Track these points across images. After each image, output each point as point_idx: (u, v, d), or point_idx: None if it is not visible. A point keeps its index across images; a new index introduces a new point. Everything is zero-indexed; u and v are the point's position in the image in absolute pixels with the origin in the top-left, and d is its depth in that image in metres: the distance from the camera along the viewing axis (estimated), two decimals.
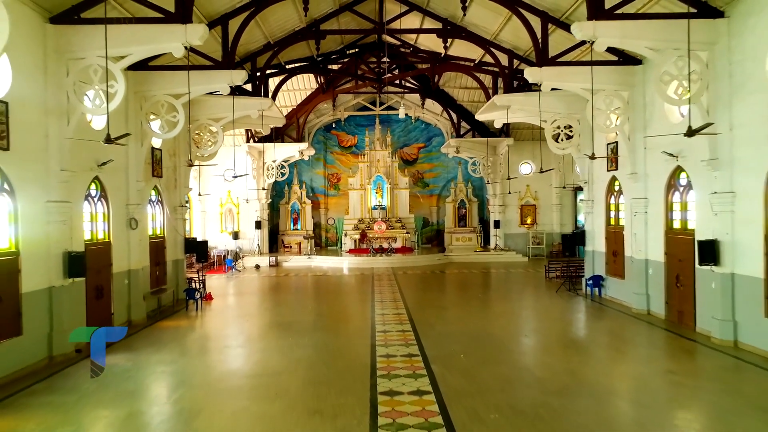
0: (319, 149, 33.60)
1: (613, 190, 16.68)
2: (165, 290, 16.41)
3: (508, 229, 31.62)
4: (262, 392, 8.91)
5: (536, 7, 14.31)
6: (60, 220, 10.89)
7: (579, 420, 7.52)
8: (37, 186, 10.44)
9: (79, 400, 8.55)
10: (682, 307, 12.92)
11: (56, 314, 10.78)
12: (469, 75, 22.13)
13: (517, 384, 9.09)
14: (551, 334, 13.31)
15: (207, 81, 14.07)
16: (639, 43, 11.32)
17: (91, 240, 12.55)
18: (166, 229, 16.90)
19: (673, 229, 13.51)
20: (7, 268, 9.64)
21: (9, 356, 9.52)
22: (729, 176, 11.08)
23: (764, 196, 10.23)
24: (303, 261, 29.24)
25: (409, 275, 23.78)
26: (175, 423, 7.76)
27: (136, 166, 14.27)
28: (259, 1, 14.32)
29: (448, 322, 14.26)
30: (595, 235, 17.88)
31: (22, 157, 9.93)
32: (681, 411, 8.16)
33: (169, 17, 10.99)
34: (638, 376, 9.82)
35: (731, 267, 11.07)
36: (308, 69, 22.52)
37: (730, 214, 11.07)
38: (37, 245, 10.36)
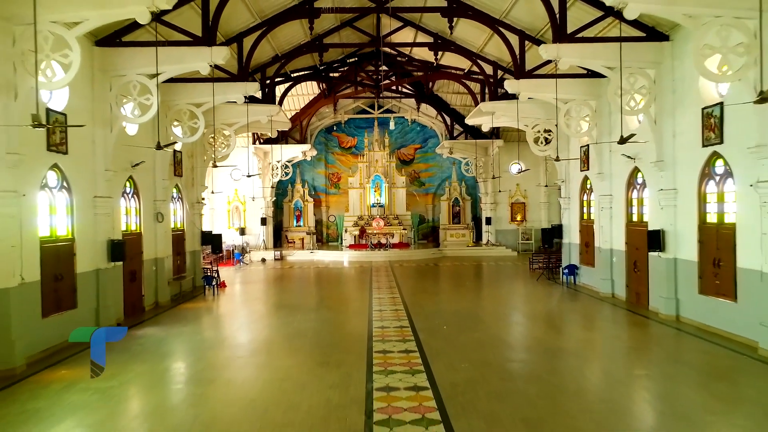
0: (321, 150, 35.50)
1: (586, 188, 18.63)
2: (185, 277, 18.37)
3: (499, 225, 33.56)
4: (278, 351, 10.90)
5: (514, 26, 16.24)
6: (104, 213, 12.86)
7: (533, 369, 9.52)
8: (87, 183, 12.39)
9: (129, 358, 10.50)
10: (639, 289, 14.89)
11: (101, 292, 12.73)
12: (459, 83, 24.08)
13: (487, 346, 11.04)
14: (524, 312, 15.31)
15: (225, 92, 15.98)
16: (596, 62, 13.25)
17: (126, 231, 14.50)
18: (186, 223, 18.85)
19: (632, 221, 15.47)
20: (67, 252, 11.61)
21: (68, 325, 11.38)
22: (672, 176, 13.05)
23: (698, 192, 12.20)
24: (306, 255, 31.20)
25: (405, 267, 25.71)
26: (210, 372, 9.74)
27: (162, 167, 16.22)
28: (271, 21, 16.24)
29: (436, 304, 16.24)
30: (570, 229, 19.86)
31: (76, 160, 11.89)
32: (618, 363, 10.14)
33: (197, 40, 12.94)
34: (590, 341, 11.83)
35: (674, 253, 13.04)
36: (312, 77, 24.45)
37: (673, 208, 13.04)
38: (87, 233, 12.32)
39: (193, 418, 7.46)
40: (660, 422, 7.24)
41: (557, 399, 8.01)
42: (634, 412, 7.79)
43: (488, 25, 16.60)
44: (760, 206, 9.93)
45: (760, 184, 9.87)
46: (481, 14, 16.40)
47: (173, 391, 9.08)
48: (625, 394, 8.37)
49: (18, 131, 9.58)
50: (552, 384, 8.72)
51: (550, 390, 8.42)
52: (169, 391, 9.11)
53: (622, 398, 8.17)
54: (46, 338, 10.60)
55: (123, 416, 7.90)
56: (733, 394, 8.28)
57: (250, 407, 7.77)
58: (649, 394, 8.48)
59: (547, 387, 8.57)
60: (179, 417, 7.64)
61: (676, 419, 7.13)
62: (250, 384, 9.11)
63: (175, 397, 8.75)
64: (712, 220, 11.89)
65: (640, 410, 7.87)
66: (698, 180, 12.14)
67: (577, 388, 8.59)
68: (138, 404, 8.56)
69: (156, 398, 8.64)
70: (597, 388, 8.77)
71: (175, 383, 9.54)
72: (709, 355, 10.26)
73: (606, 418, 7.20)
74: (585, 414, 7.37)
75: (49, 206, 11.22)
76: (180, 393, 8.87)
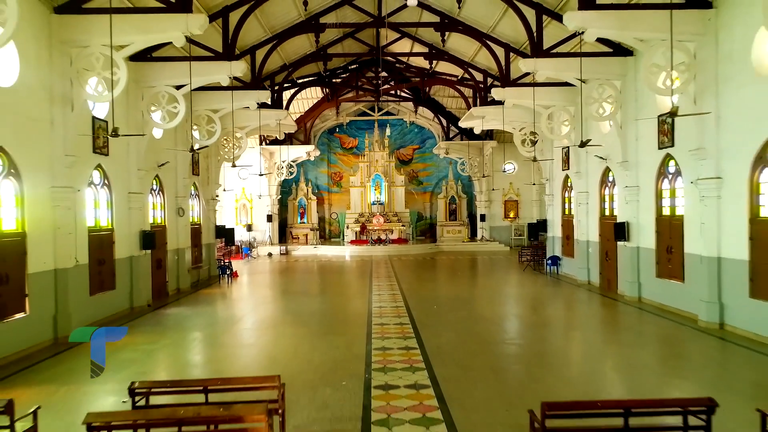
0: (324, 150, 37.31)
1: (567, 186, 20.42)
2: (202, 267, 20.20)
3: (494, 222, 35.36)
4: (290, 325, 12.72)
5: (500, 40, 18.02)
6: (137, 207, 14.69)
7: (505, 336, 11.35)
8: (123, 181, 14.21)
9: (164, 329, 12.34)
10: (609, 276, 16.68)
11: (134, 276, 14.57)
12: (453, 88, 25.88)
13: (470, 321, 12.84)
14: (507, 296, 17.12)
15: (240, 99, 17.75)
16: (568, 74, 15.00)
17: (153, 223, 16.30)
18: (202, 218, 20.67)
19: (605, 216, 17.25)
20: (108, 240, 13.43)
21: (110, 302, 13.31)
22: (635, 174, 14.84)
23: (655, 189, 13.99)
24: (310, 250, 33.02)
25: (403, 261, 27.51)
26: (234, 339, 11.58)
27: (183, 167, 18.05)
28: (280, 35, 18.01)
29: (430, 290, 18.05)
30: (554, 224, 21.66)
31: (115, 161, 13.71)
32: (579, 332, 11.95)
33: (218, 56, 14.74)
34: (559, 317, 13.66)
35: (637, 242, 14.84)
36: (316, 83, 26.25)
37: (636, 203, 14.83)
38: (123, 225, 14.14)
39: (227, 368, 9.27)
40: (605, 371, 9.05)
41: (522, 356, 9.83)
42: (583, 364, 9.59)
43: (477, 39, 18.41)
44: (700, 200, 11.74)
45: (699, 181, 11.68)
46: (471, 29, 18.20)
47: (205, 351, 10.92)
48: (580, 352, 10.19)
49: (74, 136, 11.41)
50: (520, 346, 10.55)
51: (517, 350, 10.25)
52: (201, 351, 10.94)
53: (576, 355, 9.99)
54: (93, 313, 12.41)
55: (167, 368, 9.72)
56: (670, 352, 10.11)
57: (272, 362, 9.59)
58: (598, 352, 10.30)
59: (515, 348, 10.40)
60: (213, 368, 9.43)
61: (620, 370, 8.94)
62: (269, 347, 10.93)
63: (207, 354, 10.60)
64: (666, 213, 13.69)
65: (589, 362, 9.68)
66: (655, 178, 13.95)
67: (541, 349, 10.40)
68: (177, 360, 10.35)
69: (191, 356, 10.49)
70: (557, 349, 10.58)
71: (206, 346, 11.35)
72: (658, 327, 12.06)
73: (557, 367, 9.02)
74: (542, 364, 9.18)
75: (94, 201, 13.04)
76: (211, 352, 10.70)
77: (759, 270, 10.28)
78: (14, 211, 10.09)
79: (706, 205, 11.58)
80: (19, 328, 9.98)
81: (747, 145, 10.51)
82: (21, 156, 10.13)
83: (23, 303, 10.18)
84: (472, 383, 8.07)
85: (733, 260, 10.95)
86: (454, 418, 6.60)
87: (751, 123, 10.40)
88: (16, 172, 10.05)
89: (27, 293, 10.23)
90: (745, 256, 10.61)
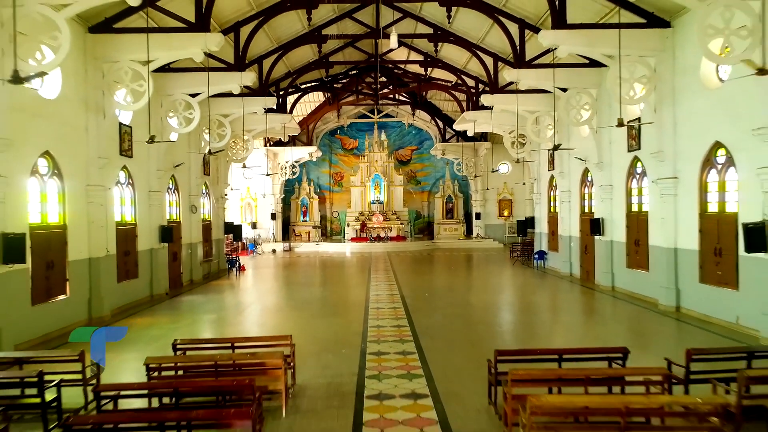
0: (325, 151, 38.77)
1: (552, 186, 21.90)
2: (212, 260, 21.71)
3: (488, 220, 36.81)
4: (296, 309, 14.22)
5: (489, 50, 19.50)
6: (157, 204, 16.20)
7: (486, 318, 12.84)
8: (144, 180, 15.71)
9: (183, 312, 13.87)
10: (588, 268, 18.15)
11: (154, 267, 16.07)
12: (448, 93, 27.36)
13: (456, 306, 14.32)
14: (493, 286, 18.61)
15: (249, 105, 19.22)
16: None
17: (169, 219, 17.80)
18: (212, 215, 22.18)
19: (584, 212, 18.71)
20: (131, 234, 14.95)
21: (132, 291, 14.81)
22: (609, 175, 16.31)
23: (625, 187, 15.47)
24: (312, 247, 34.51)
25: (401, 257, 28.97)
26: (248, 318, 13.08)
27: (196, 167, 19.55)
28: (286, 46, 19.50)
29: (423, 281, 19.54)
30: (541, 220, 23.15)
31: (138, 162, 15.21)
32: (552, 314, 13.43)
33: (230, 66, 16.23)
34: (535, 302, 15.17)
35: (610, 236, 16.31)
36: (318, 88, 27.74)
37: (610, 200, 16.30)
38: (144, 220, 15.65)
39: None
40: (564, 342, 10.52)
41: (497, 332, 11.35)
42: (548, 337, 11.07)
43: (467, 49, 19.89)
44: (660, 197, 13.21)
45: (659, 180, 13.16)
46: (462, 40, 19.67)
47: (221, 329, 12.39)
48: (547, 329, 11.67)
49: (104, 141, 12.92)
50: (497, 325, 12.08)
51: (493, 328, 11.77)
52: (218, 329, 12.43)
53: (543, 331, 11.47)
54: (120, 298, 13.91)
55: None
56: (623, 327, 11.62)
57: None
58: (563, 328, 11.78)
59: (492, 327, 11.92)
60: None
61: (576, 341, 10.42)
62: (278, 326, 12.41)
63: (223, 331, 12.06)
64: (635, 209, 15.16)
65: (552, 336, 11.15)
66: (626, 178, 15.43)
67: (514, 327, 11.94)
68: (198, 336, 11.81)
69: (210, 333, 11.97)
70: (528, 326, 12.07)
71: (222, 325, 12.81)
72: (621, 310, 13.56)
73: (524, 339, 10.51)
74: (512, 338, 10.69)
75: (120, 198, 14.54)
76: (226, 329, 12.16)
77: (706, 258, 11.76)
78: (57, 206, 11.60)
79: (665, 202, 13.06)
80: (62, 307, 11.50)
81: (697, 149, 11.98)
82: (63, 158, 11.64)
83: (65, 286, 11.69)
84: (451, 351, 9.57)
85: (687, 250, 12.42)
86: (432, 372, 8.10)
87: (701, 129, 11.87)
88: (59, 173, 11.57)
89: (68, 278, 11.74)
90: (695, 247, 12.09)
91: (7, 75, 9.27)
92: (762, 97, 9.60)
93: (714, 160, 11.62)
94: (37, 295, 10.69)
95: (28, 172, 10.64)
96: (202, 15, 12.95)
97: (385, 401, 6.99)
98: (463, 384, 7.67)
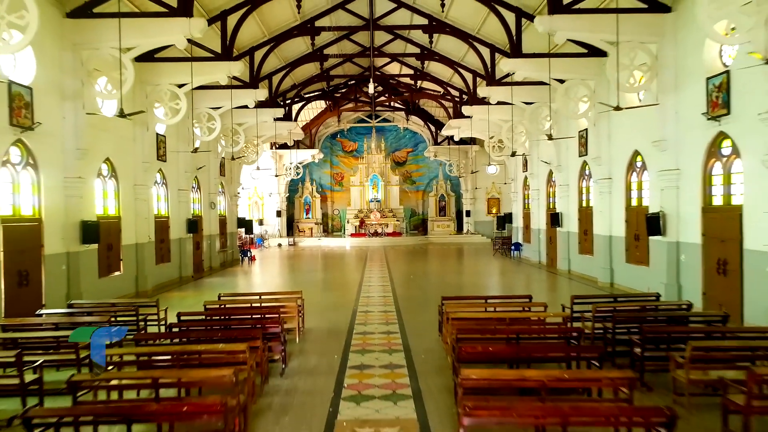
0: (327, 153, 41.76)
1: (526, 185, 24.88)
2: (227, 250, 24.74)
3: (478, 217, 39.78)
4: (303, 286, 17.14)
5: (468, 67, 22.47)
6: (184, 201, 19.24)
7: (455, 291, 15.80)
8: (174, 181, 18.73)
9: (207, 290, 16.84)
10: (552, 256, 21.14)
11: (182, 253, 19.11)
12: (436, 101, 30.35)
13: (434, 285, 17.30)
14: (470, 271, 21.61)
15: (261, 115, 22.23)
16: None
17: (194, 213, 20.82)
18: (227, 211, 25.21)
19: (550, 208, 21.70)
20: (165, 225, 17.98)
21: (166, 273, 17.84)
22: (566, 175, 19.29)
23: (578, 186, 18.45)
24: (314, 242, 37.53)
25: (396, 250, 31.97)
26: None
27: (214, 169, 22.58)
28: (292, 64, 22.49)
29: (411, 268, 22.55)
30: (517, 216, 26.14)
31: (170, 165, 18.24)
32: (511, 284, 16.40)
33: (246, 84, 19.23)
34: (501, 280, 18.13)
35: (567, 228, 19.29)
36: (320, 96, 30.75)
37: (567, 197, 19.28)
38: (174, 213, 18.68)
39: None
40: None
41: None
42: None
43: (450, 67, 22.88)
44: (599, 194, 16.20)
45: (598, 180, 16.15)
46: (445, 59, 22.63)
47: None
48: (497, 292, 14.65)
49: (147, 148, 15.95)
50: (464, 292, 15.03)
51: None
52: None
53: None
54: (157, 278, 16.94)
55: None
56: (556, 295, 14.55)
57: None
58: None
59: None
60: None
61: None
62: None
63: None
64: (585, 204, 18.14)
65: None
66: (578, 179, 18.42)
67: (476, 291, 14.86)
68: None
69: None
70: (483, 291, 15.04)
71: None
72: (564, 284, 16.53)
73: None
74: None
75: (157, 195, 17.58)
76: None
77: (630, 243, 14.75)
78: (113, 201, 14.63)
79: (602, 198, 16.05)
80: (117, 281, 14.54)
81: (624, 155, 14.96)
82: (118, 163, 14.67)
83: (119, 265, 14.74)
84: (420, 309, 12.57)
85: (617, 237, 15.41)
86: (404, 321, 11.13)
87: (626, 139, 14.85)
88: (115, 175, 14.60)
89: (121, 258, 14.78)
90: (623, 234, 15.07)
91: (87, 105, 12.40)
92: (660, 117, 12.56)
93: (635, 165, 14.61)
94: (102, 270, 13.73)
95: (95, 174, 13.67)
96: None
97: (368, 335, 10.01)
98: (423, 326, 10.70)
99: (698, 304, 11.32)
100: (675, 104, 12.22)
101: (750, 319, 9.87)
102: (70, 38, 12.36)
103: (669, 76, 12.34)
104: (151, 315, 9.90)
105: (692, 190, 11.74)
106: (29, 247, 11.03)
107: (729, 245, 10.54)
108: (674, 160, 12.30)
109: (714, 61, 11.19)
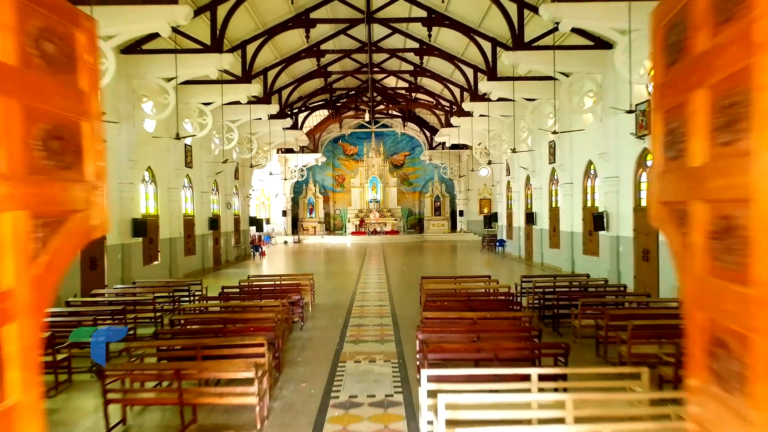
0: (329, 157, 44.56)
1: (510, 188, 27.68)
2: (240, 246, 27.58)
3: (470, 216, 42.56)
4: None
5: (456, 83, 25.26)
6: (206, 202, 22.07)
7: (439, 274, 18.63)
8: (198, 184, 21.56)
9: (229, 277, 19.66)
10: (529, 250, 23.95)
11: (204, 247, 21.94)
12: (430, 111, 33.19)
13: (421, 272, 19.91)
14: (456, 263, 24.43)
15: (273, 125, 25.04)
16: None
17: (213, 213, 23.65)
18: (240, 210, 28.03)
19: (528, 208, 24.50)
20: (191, 223, 20.82)
21: (192, 264, 20.67)
22: (540, 181, 22.10)
23: (549, 190, 21.26)
24: (317, 239, 40.36)
25: (393, 247, 34.76)
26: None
27: (230, 173, 25.41)
28: (300, 80, 25.27)
29: (405, 262, 25.39)
30: (502, 215, 28.97)
31: (194, 171, 21.07)
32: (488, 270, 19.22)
33: (260, 100, 22.01)
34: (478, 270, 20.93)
35: (540, 225, 22.10)
36: (324, 106, 33.60)
37: (540, 199, 22.09)
38: (199, 212, 21.50)
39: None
40: None
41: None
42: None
43: (439, 82, 25.69)
44: (564, 196, 19.01)
45: (563, 185, 18.96)
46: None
47: None
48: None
49: (178, 157, 18.78)
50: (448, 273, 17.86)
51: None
52: None
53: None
54: (186, 268, 19.77)
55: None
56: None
57: None
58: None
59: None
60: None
61: None
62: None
63: None
64: (554, 205, 20.95)
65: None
66: (548, 183, 21.23)
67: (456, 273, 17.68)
68: None
69: None
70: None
71: None
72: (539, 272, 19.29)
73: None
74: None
75: (185, 197, 20.41)
76: None
77: (585, 238, 17.55)
78: (153, 203, 17.46)
79: (566, 200, 18.85)
80: (156, 269, 17.37)
81: (582, 163, 17.76)
82: (156, 170, 17.50)
83: (158, 255, 17.57)
84: (408, 291, 15.38)
85: (577, 233, 18.22)
86: (394, 299, 13.95)
87: (583, 150, 17.65)
88: (154, 180, 17.43)
89: (159, 250, 17.61)
90: (581, 230, 17.88)
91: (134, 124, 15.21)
92: (604, 134, 15.36)
93: (590, 172, 17.42)
94: (146, 259, 16.56)
95: (140, 180, 16.49)
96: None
97: (365, 307, 12.84)
98: (408, 301, 13.55)
99: (631, 285, 14.13)
100: (615, 124, 15.00)
101: (663, 294, 12.67)
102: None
103: (610, 101, 15.13)
104: (197, 291, 12.69)
105: (627, 193, 14.55)
106: (96, 239, 13.84)
107: (650, 238, 13.34)
108: (615, 169, 15.10)
109: (642, 89, 13.99)
